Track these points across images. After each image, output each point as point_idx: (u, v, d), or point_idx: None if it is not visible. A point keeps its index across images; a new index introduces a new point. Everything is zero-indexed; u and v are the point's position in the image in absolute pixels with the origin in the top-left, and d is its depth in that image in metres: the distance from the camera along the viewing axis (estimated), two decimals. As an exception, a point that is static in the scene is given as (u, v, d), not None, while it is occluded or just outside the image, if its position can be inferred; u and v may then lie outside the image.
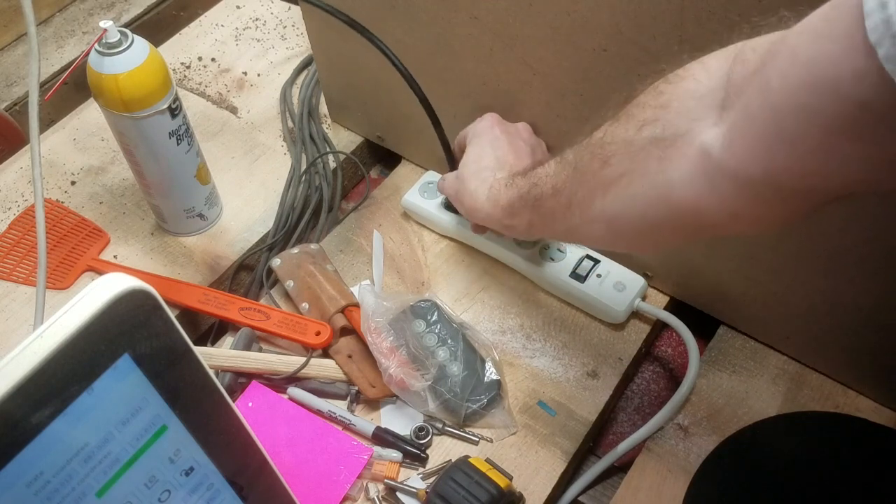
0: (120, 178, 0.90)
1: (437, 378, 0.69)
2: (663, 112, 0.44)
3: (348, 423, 0.69)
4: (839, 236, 0.60)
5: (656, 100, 0.45)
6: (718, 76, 0.42)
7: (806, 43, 0.34)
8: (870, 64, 0.30)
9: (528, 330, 0.76)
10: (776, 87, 0.35)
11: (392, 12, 0.73)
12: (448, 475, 0.62)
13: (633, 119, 0.47)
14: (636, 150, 0.45)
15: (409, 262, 0.82)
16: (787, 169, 0.37)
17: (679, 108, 0.44)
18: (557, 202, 0.54)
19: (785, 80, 0.35)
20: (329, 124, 0.96)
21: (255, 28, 1.07)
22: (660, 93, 0.46)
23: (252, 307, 0.76)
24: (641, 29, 0.57)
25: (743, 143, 0.38)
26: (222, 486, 0.47)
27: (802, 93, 0.34)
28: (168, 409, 0.43)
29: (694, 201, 0.42)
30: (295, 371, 0.71)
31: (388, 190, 0.89)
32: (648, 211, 0.46)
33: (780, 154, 0.36)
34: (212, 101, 0.98)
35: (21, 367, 0.36)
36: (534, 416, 0.71)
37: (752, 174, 0.38)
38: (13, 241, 0.84)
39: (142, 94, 0.70)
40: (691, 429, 0.71)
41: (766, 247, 0.66)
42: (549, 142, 0.73)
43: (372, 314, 0.71)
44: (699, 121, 0.42)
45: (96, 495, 0.41)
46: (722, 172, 0.40)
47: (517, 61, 0.68)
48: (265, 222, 0.86)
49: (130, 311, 0.39)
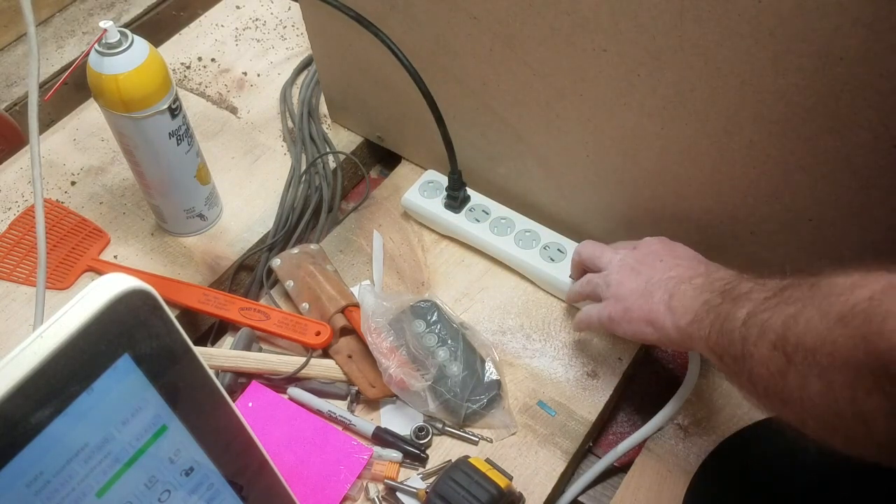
0: (120, 178, 0.90)
1: (437, 378, 0.69)
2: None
3: (348, 423, 0.69)
4: (839, 239, 0.60)
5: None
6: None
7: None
8: None
9: (528, 330, 0.76)
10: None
11: (392, 12, 0.73)
12: (448, 475, 0.62)
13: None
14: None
15: (409, 262, 0.82)
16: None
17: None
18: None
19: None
20: (329, 124, 0.96)
21: (255, 28, 1.07)
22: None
23: (252, 307, 0.76)
24: (641, 29, 0.57)
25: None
26: (222, 486, 0.47)
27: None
28: (168, 409, 0.43)
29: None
30: (295, 371, 0.71)
31: (388, 190, 0.89)
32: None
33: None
34: (212, 102, 0.98)
35: (21, 367, 0.36)
36: (534, 416, 0.71)
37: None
38: (13, 241, 0.84)
39: (142, 94, 0.70)
40: (691, 429, 0.71)
41: (766, 247, 0.66)
42: (550, 142, 0.73)
43: (372, 314, 0.71)
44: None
45: (96, 495, 0.41)
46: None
47: (517, 61, 0.68)
48: (265, 222, 0.86)
49: (130, 312, 0.39)
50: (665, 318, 0.57)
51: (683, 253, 0.63)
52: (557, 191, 0.77)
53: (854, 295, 0.40)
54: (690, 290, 0.56)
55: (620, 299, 0.62)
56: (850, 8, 0.48)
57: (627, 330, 0.61)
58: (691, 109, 0.60)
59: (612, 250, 0.67)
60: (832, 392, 0.41)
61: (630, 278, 0.62)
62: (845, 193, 0.57)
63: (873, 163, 0.54)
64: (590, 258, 0.69)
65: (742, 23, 0.52)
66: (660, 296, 0.58)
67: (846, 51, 0.50)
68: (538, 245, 0.78)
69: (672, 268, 0.60)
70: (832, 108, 0.53)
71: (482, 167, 0.81)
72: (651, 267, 0.61)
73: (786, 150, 0.58)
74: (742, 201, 0.63)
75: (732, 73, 0.55)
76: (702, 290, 0.55)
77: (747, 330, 0.48)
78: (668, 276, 0.59)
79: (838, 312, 0.41)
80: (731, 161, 0.61)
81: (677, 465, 0.69)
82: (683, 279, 0.58)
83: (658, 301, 0.58)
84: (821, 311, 0.42)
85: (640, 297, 0.60)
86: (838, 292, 0.42)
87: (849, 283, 0.42)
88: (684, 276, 0.58)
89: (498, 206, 0.82)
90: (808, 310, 0.43)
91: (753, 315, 0.48)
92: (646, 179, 0.68)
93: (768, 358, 0.45)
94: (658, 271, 0.60)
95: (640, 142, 0.66)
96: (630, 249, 0.65)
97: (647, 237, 0.66)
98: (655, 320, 0.58)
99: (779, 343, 0.44)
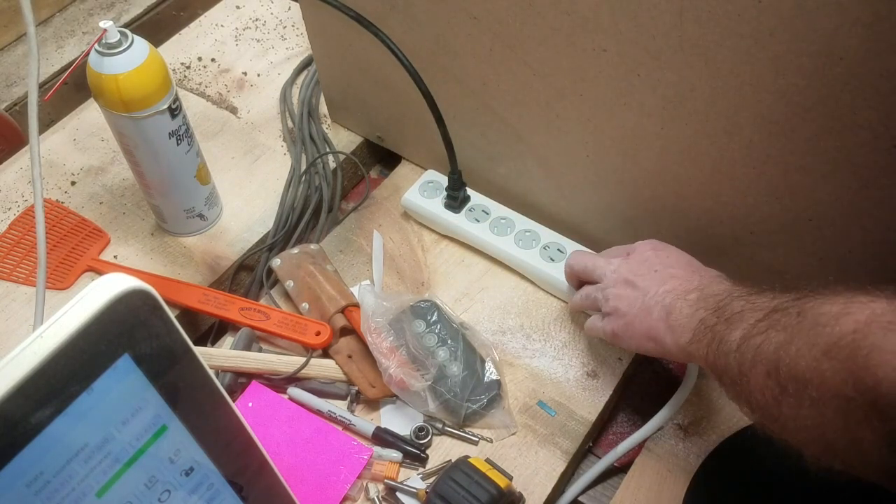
0: (120, 178, 0.90)
1: (437, 378, 0.69)
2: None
3: (348, 423, 0.69)
4: (839, 238, 0.60)
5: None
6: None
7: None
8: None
9: (528, 330, 0.76)
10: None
11: (392, 12, 0.73)
12: (448, 475, 0.62)
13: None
14: None
15: (409, 262, 0.82)
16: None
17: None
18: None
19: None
20: (329, 124, 0.96)
21: (254, 28, 1.07)
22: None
23: (252, 307, 0.76)
24: (641, 29, 0.57)
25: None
26: (222, 486, 0.47)
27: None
28: (168, 409, 0.43)
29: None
30: (295, 371, 0.71)
31: (388, 190, 0.89)
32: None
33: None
34: (212, 102, 0.98)
35: (21, 367, 0.36)
36: (534, 416, 0.71)
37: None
38: (13, 241, 0.84)
39: (142, 94, 0.70)
40: (691, 429, 0.71)
41: (766, 247, 0.66)
42: (550, 142, 0.73)
43: (372, 314, 0.71)
44: None
45: (96, 495, 0.41)
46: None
47: (517, 61, 0.68)
48: (265, 222, 0.86)
49: (130, 312, 0.39)
50: (665, 335, 0.58)
51: (676, 259, 0.63)
52: (557, 191, 0.77)
53: (839, 326, 0.42)
54: (686, 308, 0.57)
55: (620, 315, 0.62)
56: (850, 8, 0.48)
57: (631, 345, 0.62)
58: (691, 109, 0.60)
59: (604, 261, 0.67)
60: (825, 421, 0.42)
61: (627, 291, 0.63)
62: (845, 193, 0.57)
63: (873, 163, 0.54)
64: (583, 271, 0.69)
65: (742, 23, 0.52)
66: (658, 312, 0.59)
67: (846, 51, 0.50)
68: (538, 245, 0.78)
69: (667, 279, 0.61)
70: (832, 108, 0.53)
71: (482, 167, 0.81)
72: (646, 279, 0.62)
73: (786, 150, 0.58)
74: (742, 201, 0.63)
75: (732, 73, 0.55)
76: (696, 306, 0.56)
77: (742, 355, 0.49)
78: (665, 291, 0.60)
79: (825, 344, 0.42)
80: (731, 161, 0.61)
81: (677, 465, 0.69)
82: (679, 294, 0.58)
83: (657, 318, 0.59)
84: (808, 342, 0.43)
85: (639, 313, 0.61)
86: (824, 322, 0.43)
87: (833, 314, 0.43)
88: (679, 291, 0.59)
89: (498, 206, 0.82)
90: (797, 339, 0.44)
91: (746, 339, 0.48)
92: (646, 179, 0.68)
93: (763, 385, 0.46)
94: (653, 283, 0.61)
95: (640, 142, 0.66)
96: (623, 258, 0.65)
97: (639, 241, 0.66)
98: (656, 337, 0.59)
99: (772, 371, 0.45)
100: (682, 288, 0.59)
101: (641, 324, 0.60)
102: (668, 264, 0.62)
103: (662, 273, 0.61)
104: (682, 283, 0.59)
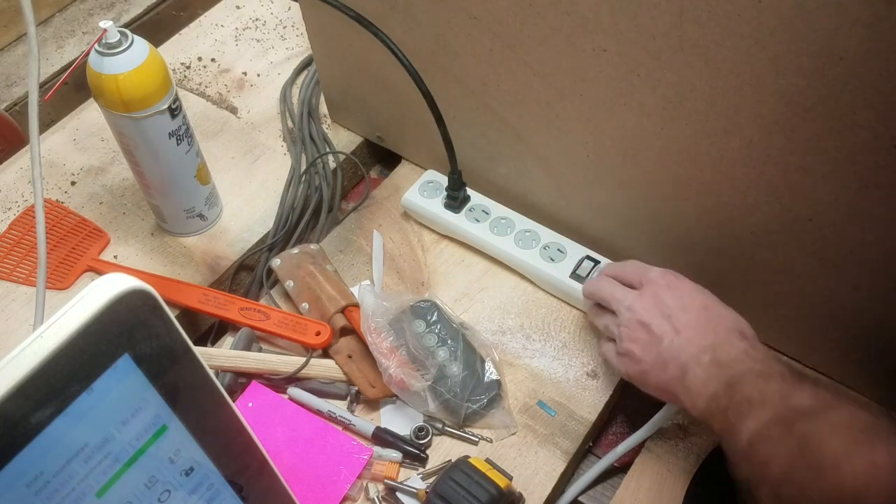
0: (120, 178, 0.90)
1: (437, 378, 0.69)
2: None
3: (348, 423, 0.69)
4: (839, 239, 0.60)
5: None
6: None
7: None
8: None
9: (528, 330, 0.76)
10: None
11: (392, 12, 0.73)
12: (448, 475, 0.62)
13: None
14: None
15: (409, 262, 0.82)
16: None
17: None
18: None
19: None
20: (329, 124, 0.96)
21: (254, 28, 1.07)
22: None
23: (252, 307, 0.76)
24: (641, 29, 0.57)
25: None
26: (222, 486, 0.47)
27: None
28: (168, 409, 0.43)
29: None
30: (295, 371, 0.71)
31: (388, 190, 0.89)
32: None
33: None
34: (212, 102, 0.98)
35: (21, 367, 0.36)
36: (533, 416, 0.71)
37: None
38: (13, 241, 0.84)
39: (142, 94, 0.70)
40: (691, 429, 0.71)
41: (766, 247, 0.66)
42: (550, 142, 0.73)
43: (372, 314, 0.71)
44: None
45: (96, 495, 0.41)
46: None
47: (517, 61, 0.68)
48: (265, 222, 0.86)
49: (130, 312, 0.39)
50: (682, 395, 0.60)
51: (690, 300, 0.63)
52: (557, 191, 0.77)
53: (839, 475, 0.46)
54: (700, 372, 0.58)
55: (635, 360, 0.63)
56: (850, 8, 0.48)
57: (647, 391, 0.64)
58: (691, 109, 0.60)
59: (621, 293, 0.66)
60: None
61: (640, 335, 0.63)
62: (845, 193, 0.57)
63: (873, 163, 0.54)
64: (602, 301, 0.69)
65: (742, 23, 0.52)
66: (673, 370, 0.60)
67: (846, 51, 0.50)
68: (538, 245, 0.78)
69: (681, 330, 0.61)
70: (832, 108, 0.53)
71: (482, 167, 0.81)
72: (660, 325, 0.62)
73: (786, 150, 0.58)
74: (742, 201, 0.63)
75: (732, 73, 0.55)
76: (709, 373, 0.58)
77: (750, 459, 0.53)
78: (679, 347, 0.60)
79: (826, 490, 0.47)
80: (731, 161, 0.61)
81: (677, 465, 0.69)
82: (692, 354, 0.59)
83: (672, 377, 0.60)
84: (809, 477, 0.48)
85: (654, 364, 0.62)
86: (826, 465, 0.47)
87: (833, 457, 0.47)
88: (692, 351, 0.59)
89: (498, 206, 0.82)
90: (798, 473, 0.49)
91: (754, 444, 0.52)
92: (646, 179, 0.68)
93: (768, 497, 0.51)
94: (667, 332, 0.61)
95: (640, 142, 0.66)
96: (637, 295, 0.65)
97: (654, 270, 0.66)
98: (674, 394, 0.61)
99: (774, 491, 0.50)
100: (697, 345, 0.60)
101: (657, 378, 0.62)
102: (681, 307, 0.62)
103: (675, 321, 0.62)
104: (695, 336, 0.60)
